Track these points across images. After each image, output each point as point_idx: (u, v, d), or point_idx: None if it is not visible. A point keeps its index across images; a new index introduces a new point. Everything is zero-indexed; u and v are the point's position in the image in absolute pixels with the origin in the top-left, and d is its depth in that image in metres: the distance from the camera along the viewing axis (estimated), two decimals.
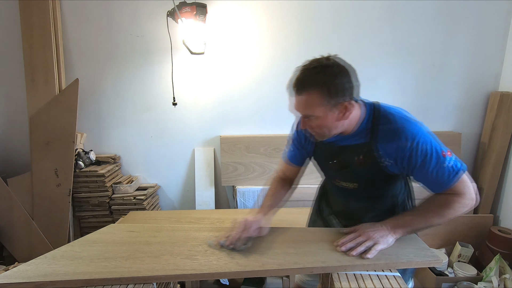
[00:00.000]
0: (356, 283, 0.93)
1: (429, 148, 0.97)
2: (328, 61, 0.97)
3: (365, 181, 1.13)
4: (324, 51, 2.51)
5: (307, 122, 1.01)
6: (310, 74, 0.96)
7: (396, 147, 0.99)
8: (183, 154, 2.53)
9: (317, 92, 0.94)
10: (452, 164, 0.97)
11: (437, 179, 0.98)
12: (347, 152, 1.09)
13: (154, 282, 0.93)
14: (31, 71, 2.20)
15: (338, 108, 0.97)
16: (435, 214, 1.01)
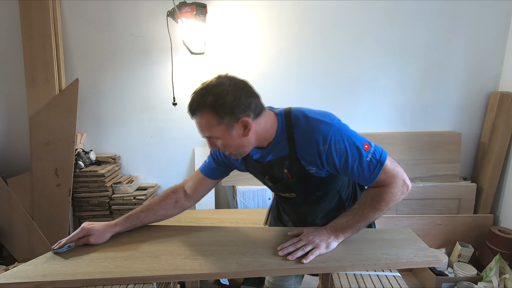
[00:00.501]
0: (356, 283, 0.93)
1: (344, 147, 0.95)
2: (215, 81, 0.96)
3: (301, 190, 1.13)
4: (324, 51, 2.53)
5: (213, 142, 1.02)
6: (197, 97, 0.95)
7: (312, 153, 0.98)
8: (183, 154, 2.53)
9: (206, 114, 0.93)
10: (370, 157, 0.96)
11: (360, 175, 0.98)
12: (274, 167, 1.08)
13: (154, 282, 0.93)
14: (31, 71, 2.20)
15: (235, 127, 0.95)
16: (371, 209, 1.00)
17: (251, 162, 1.14)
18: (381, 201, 0.99)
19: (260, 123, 1.00)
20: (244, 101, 0.95)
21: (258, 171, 1.15)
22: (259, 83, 2.39)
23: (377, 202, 0.99)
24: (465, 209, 2.39)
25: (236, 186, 2.37)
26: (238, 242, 1.11)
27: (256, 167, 1.14)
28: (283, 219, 1.38)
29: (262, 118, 1.01)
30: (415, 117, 2.46)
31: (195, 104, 0.95)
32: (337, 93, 2.42)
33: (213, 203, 2.46)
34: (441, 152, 2.40)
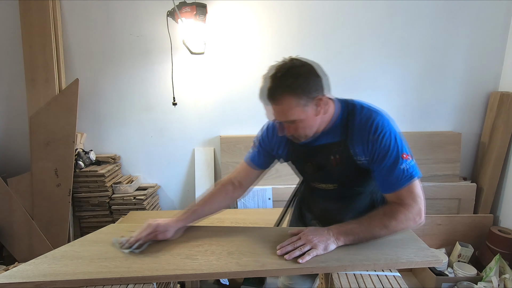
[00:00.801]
0: (356, 283, 0.93)
1: (393, 144, 0.97)
2: (291, 63, 0.97)
3: (343, 181, 1.12)
4: (324, 51, 2.53)
5: (291, 126, 1.01)
6: (279, 81, 0.95)
7: (364, 139, 1.00)
8: (183, 154, 2.53)
9: (290, 97, 0.94)
10: (407, 168, 0.96)
11: (388, 178, 0.98)
12: (322, 152, 1.08)
13: (154, 282, 0.93)
14: (31, 71, 2.20)
15: (310, 107, 0.97)
16: (379, 224, 0.98)
17: (297, 147, 1.13)
18: (392, 219, 0.97)
19: (328, 104, 1.01)
20: (318, 80, 0.96)
21: (302, 156, 1.14)
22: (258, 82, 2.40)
23: (388, 219, 0.97)
24: (465, 209, 2.39)
25: None
26: (238, 242, 1.11)
27: (302, 152, 1.13)
28: (306, 218, 1.35)
29: (329, 100, 1.02)
30: (415, 117, 2.46)
31: (278, 89, 0.95)
32: (337, 93, 2.40)
33: None
34: (441, 152, 2.40)
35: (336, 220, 1.14)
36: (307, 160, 1.13)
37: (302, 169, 1.20)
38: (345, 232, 1.01)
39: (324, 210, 1.26)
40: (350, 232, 1.01)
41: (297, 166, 1.21)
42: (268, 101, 0.98)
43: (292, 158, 1.19)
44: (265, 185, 2.36)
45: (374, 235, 1.00)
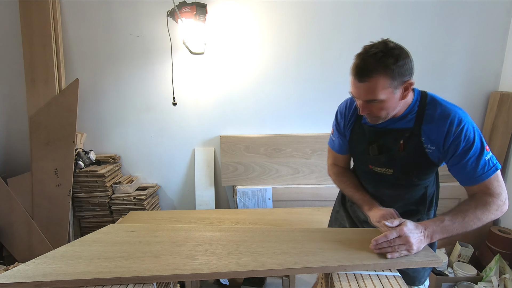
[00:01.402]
0: (356, 283, 0.93)
1: (474, 137, 0.99)
2: (387, 45, 0.98)
3: (402, 168, 1.11)
4: (324, 51, 2.52)
5: (369, 106, 1.02)
6: (372, 60, 0.95)
7: (441, 131, 1.01)
8: (183, 154, 2.53)
9: (381, 77, 0.94)
10: (489, 158, 0.99)
11: (473, 170, 0.99)
12: (390, 136, 1.10)
13: (154, 282, 0.93)
14: (31, 71, 2.20)
15: (399, 89, 0.98)
16: (474, 217, 0.97)
17: (364, 128, 1.16)
18: (486, 211, 0.97)
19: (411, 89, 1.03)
20: (412, 64, 0.99)
21: (367, 137, 1.15)
22: (259, 83, 2.41)
23: (481, 211, 0.97)
24: None
25: (236, 186, 2.37)
26: (238, 242, 1.11)
27: (368, 132, 1.15)
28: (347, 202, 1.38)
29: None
30: None
31: (369, 67, 0.95)
32: (337, 93, 2.42)
33: (213, 203, 2.46)
34: None
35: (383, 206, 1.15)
36: (373, 141, 1.14)
37: (361, 151, 1.20)
38: (441, 231, 0.99)
39: (372, 194, 1.24)
40: (445, 230, 0.99)
41: (356, 146, 1.22)
42: (356, 79, 0.99)
43: (353, 138, 1.21)
44: (265, 185, 2.36)
45: (467, 229, 1.00)
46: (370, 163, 1.19)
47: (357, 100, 1.05)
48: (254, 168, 2.38)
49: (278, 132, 2.47)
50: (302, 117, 2.45)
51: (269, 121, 2.46)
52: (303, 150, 2.39)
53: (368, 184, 1.26)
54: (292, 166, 2.39)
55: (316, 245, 1.07)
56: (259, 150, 2.39)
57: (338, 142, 1.29)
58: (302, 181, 2.40)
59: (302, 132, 2.47)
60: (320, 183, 2.38)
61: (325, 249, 1.04)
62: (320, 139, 2.39)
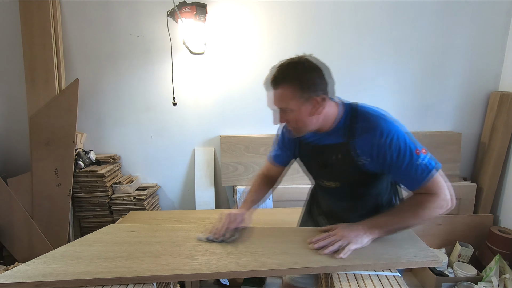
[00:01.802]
0: (356, 283, 0.93)
1: (403, 145, 1.00)
2: (300, 59, 1.04)
3: (346, 180, 1.15)
4: (324, 51, 2.53)
5: (283, 116, 1.06)
6: (284, 69, 1.02)
7: (371, 143, 1.02)
8: (183, 154, 2.53)
9: (290, 85, 1.00)
10: (425, 162, 0.99)
11: (409, 176, 1.01)
12: (326, 151, 1.12)
13: (154, 282, 0.93)
14: (31, 71, 2.20)
15: (311, 103, 1.01)
16: (411, 215, 1.02)
17: (304, 145, 1.20)
18: (423, 209, 1.00)
19: (330, 106, 1.06)
20: (320, 83, 1.02)
21: (310, 153, 1.19)
22: (259, 83, 2.40)
23: (419, 209, 1.01)
24: (465, 209, 2.39)
25: (236, 186, 2.37)
26: (238, 242, 1.11)
27: (309, 150, 1.18)
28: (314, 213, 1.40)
29: (331, 103, 1.07)
30: (415, 117, 2.46)
31: (281, 76, 1.01)
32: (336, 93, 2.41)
33: (213, 203, 2.46)
34: (441, 152, 2.40)
35: (342, 218, 1.17)
36: (314, 157, 1.18)
37: (309, 166, 1.25)
38: (377, 225, 1.05)
39: (330, 207, 1.30)
40: (383, 225, 1.05)
41: (305, 163, 1.26)
42: (270, 86, 1.04)
43: (301, 155, 1.25)
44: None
45: (406, 226, 1.06)
46: (319, 178, 1.24)
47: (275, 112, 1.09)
48: (254, 168, 2.38)
49: None
50: None
51: (269, 121, 2.43)
52: None
53: (325, 198, 1.31)
54: (292, 166, 2.38)
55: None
56: (259, 150, 2.39)
57: (278, 154, 1.32)
58: (302, 181, 2.40)
59: None
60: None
61: None
62: None
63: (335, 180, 1.17)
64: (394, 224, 1.05)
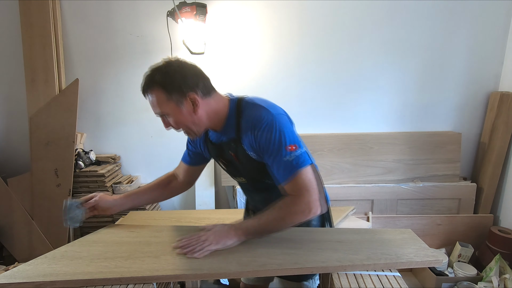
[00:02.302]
0: (356, 283, 0.93)
1: (272, 138, 0.98)
2: (164, 63, 1.05)
3: (249, 175, 1.17)
4: (324, 51, 2.53)
5: (165, 120, 1.08)
6: (147, 77, 1.03)
7: (252, 136, 1.02)
8: None
9: (156, 91, 1.01)
10: (292, 159, 0.97)
11: (277, 170, 1.00)
12: (224, 149, 1.15)
13: (154, 282, 0.93)
14: (31, 71, 2.20)
15: (184, 103, 1.02)
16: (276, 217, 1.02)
17: (211, 145, 1.19)
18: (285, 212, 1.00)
19: (210, 104, 1.06)
20: (191, 79, 1.02)
21: (216, 153, 1.20)
22: (259, 83, 2.41)
23: (282, 212, 1.00)
24: (465, 209, 2.39)
25: (236, 186, 2.37)
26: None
27: (213, 149, 1.19)
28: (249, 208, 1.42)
29: (212, 99, 1.07)
30: (415, 117, 2.46)
31: (146, 83, 1.03)
32: (337, 93, 2.42)
33: (213, 203, 2.46)
34: (441, 152, 2.40)
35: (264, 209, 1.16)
36: (219, 156, 1.20)
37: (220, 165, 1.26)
38: (246, 228, 1.06)
39: (253, 201, 1.34)
40: (250, 228, 1.05)
41: (216, 162, 1.27)
42: (144, 94, 1.05)
43: (211, 155, 1.26)
44: None
45: (275, 229, 1.05)
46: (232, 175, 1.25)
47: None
48: None
49: None
50: (302, 117, 2.45)
51: None
52: None
53: (246, 193, 1.33)
54: None
55: (316, 245, 1.07)
56: None
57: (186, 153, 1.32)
58: None
59: (302, 132, 2.45)
60: None
61: (325, 249, 1.04)
62: (320, 139, 2.39)
63: (241, 175, 1.19)
64: (259, 228, 1.04)
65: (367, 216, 2.34)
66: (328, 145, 2.39)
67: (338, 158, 2.39)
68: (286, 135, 0.98)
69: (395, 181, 2.39)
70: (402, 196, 2.36)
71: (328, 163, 2.39)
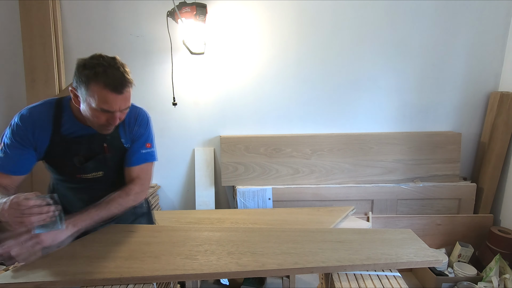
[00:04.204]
0: (356, 283, 0.93)
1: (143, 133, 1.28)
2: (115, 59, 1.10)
3: (113, 166, 1.26)
4: (324, 51, 2.53)
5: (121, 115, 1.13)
6: (122, 72, 1.07)
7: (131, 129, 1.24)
8: (183, 154, 2.53)
9: (129, 87, 1.10)
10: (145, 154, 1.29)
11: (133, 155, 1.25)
12: (94, 141, 1.19)
13: (154, 282, 0.93)
14: (31, 71, 2.20)
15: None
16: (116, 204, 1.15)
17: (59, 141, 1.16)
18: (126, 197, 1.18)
19: None
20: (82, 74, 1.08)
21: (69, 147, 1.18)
22: (259, 83, 2.41)
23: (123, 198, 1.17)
24: (465, 209, 2.39)
25: (236, 186, 2.37)
26: (238, 242, 1.11)
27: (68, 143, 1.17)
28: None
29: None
30: (415, 117, 2.46)
31: (123, 80, 1.07)
32: (337, 93, 2.42)
33: (213, 203, 2.46)
34: (441, 152, 2.40)
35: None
36: (75, 150, 1.18)
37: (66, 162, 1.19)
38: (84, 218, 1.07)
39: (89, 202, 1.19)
40: (89, 217, 1.08)
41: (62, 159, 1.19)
42: (121, 90, 1.06)
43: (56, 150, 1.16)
44: (265, 185, 2.36)
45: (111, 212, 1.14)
46: (78, 173, 1.22)
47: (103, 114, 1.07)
48: (254, 168, 2.38)
49: (278, 132, 2.47)
50: (302, 117, 2.45)
51: (269, 121, 2.46)
52: (303, 150, 2.39)
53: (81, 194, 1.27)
54: (292, 166, 2.39)
55: (316, 245, 1.07)
56: (259, 150, 2.39)
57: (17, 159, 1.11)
58: (302, 181, 2.40)
59: (302, 132, 2.47)
60: (320, 183, 2.39)
61: (325, 249, 1.04)
62: (320, 139, 2.39)
63: (100, 169, 1.23)
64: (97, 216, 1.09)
65: (367, 216, 2.34)
66: (328, 145, 2.39)
67: (338, 158, 2.39)
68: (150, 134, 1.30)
69: (395, 181, 2.39)
70: (402, 196, 2.36)
71: (328, 163, 2.39)
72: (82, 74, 1.04)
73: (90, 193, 1.24)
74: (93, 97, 1.03)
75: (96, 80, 1.02)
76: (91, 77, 1.02)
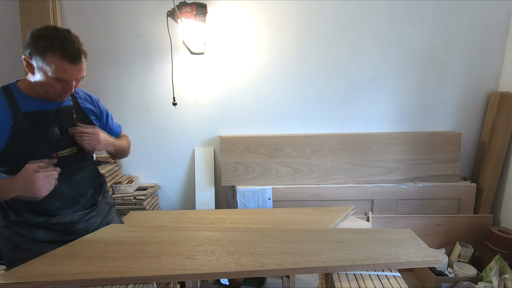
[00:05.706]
0: (356, 283, 0.93)
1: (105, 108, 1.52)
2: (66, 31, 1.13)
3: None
4: (324, 51, 2.53)
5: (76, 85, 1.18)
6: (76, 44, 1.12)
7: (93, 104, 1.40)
8: (183, 154, 2.53)
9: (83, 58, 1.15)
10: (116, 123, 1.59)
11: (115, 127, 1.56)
12: (62, 114, 1.23)
13: (154, 282, 0.93)
14: None
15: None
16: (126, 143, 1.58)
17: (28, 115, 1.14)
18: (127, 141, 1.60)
19: None
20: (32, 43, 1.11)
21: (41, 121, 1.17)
22: (259, 83, 2.41)
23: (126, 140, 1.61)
24: (465, 209, 2.39)
25: (236, 186, 2.37)
26: (238, 242, 1.11)
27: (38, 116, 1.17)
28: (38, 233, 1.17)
29: None
30: (415, 117, 2.46)
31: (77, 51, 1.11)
32: (337, 93, 2.42)
33: (213, 203, 2.46)
34: (441, 152, 2.40)
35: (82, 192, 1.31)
36: (49, 125, 1.19)
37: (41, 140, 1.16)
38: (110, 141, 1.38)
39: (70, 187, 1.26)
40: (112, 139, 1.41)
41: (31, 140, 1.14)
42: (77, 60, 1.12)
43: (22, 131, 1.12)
44: (265, 185, 2.36)
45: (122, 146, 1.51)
46: (54, 151, 1.19)
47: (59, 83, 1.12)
48: (254, 168, 2.38)
49: (278, 132, 2.47)
50: (302, 117, 2.45)
51: (269, 121, 2.46)
52: (303, 150, 2.39)
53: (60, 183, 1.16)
54: (292, 166, 2.39)
55: (316, 245, 1.07)
56: (259, 150, 2.39)
57: None
58: (302, 181, 2.40)
59: (302, 132, 2.47)
60: (320, 183, 2.39)
61: (325, 249, 1.04)
62: (320, 139, 2.39)
63: (74, 144, 1.26)
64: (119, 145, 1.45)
65: (367, 216, 2.34)
66: (328, 145, 2.39)
67: (338, 158, 2.39)
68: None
69: (395, 181, 2.39)
70: (402, 196, 2.36)
71: (328, 163, 2.39)
72: (38, 44, 1.06)
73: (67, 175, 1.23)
74: (50, 67, 1.07)
75: (52, 51, 1.06)
76: (48, 48, 1.06)
